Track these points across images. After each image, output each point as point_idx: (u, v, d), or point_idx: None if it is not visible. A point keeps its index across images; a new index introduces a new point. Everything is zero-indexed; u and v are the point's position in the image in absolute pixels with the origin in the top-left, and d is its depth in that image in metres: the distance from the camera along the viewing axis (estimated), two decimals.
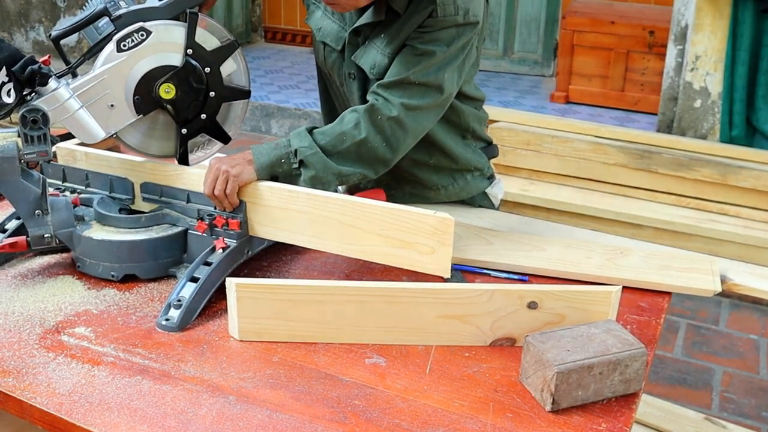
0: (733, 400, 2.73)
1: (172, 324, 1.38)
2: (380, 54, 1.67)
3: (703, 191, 3.70)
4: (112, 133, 1.53)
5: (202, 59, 1.53)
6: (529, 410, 1.20)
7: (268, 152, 1.54)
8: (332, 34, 1.77)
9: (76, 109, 1.47)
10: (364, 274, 1.59)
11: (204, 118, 1.58)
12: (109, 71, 1.49)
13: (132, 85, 1.51)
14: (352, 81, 1.77)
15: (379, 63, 1.67)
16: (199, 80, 1.54)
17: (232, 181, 1.49)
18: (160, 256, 1.54)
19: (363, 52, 1.71)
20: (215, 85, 1.56)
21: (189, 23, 1.50)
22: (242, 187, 1.51)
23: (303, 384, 1.25)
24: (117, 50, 1.48)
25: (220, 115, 1.60)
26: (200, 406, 1.19)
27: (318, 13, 1.82)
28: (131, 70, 1.50)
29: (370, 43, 1.69)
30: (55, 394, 1.20)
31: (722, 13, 4.11)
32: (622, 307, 1.46)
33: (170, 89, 1.52)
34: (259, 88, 5.71)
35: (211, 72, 1.55)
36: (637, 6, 5.41)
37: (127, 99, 1.51)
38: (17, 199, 1.48)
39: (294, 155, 1.54)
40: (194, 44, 1.51)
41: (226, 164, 1.50)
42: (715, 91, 4.26)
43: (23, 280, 1.54)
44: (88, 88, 1.48)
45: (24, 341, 1.34)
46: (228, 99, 1.60)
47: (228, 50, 1.55)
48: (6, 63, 1.40)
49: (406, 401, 1.21)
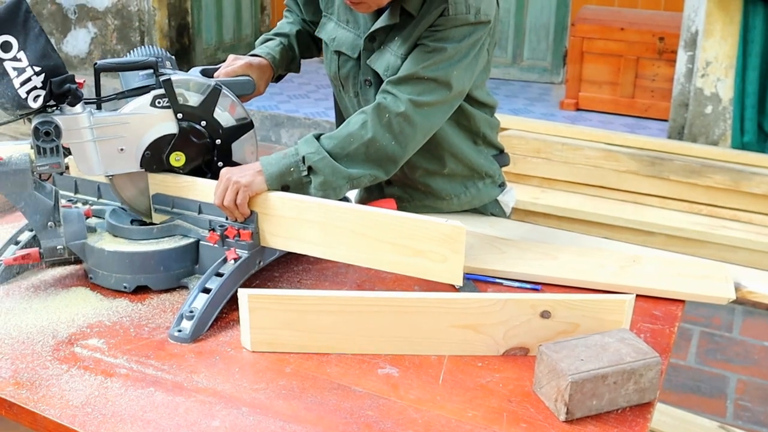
0: (747, 407, 2.70)
1: (185, 335, 1.38)
2: (393, 56, 1.68)
3: (715, 198, 3.68)
4: (109, 173, 1.56)
5: (193, 116, 1.57)
6: (543, 420, 1.19)
7: (276, 162, 1.54)
8: (347, 42, 1.78)
9: (88, 140, 1.50)
10: (375, 284, 1.59)
11: (222, 165, 1.60)
12: (134, 119, 1.53)
13: (148, 140, 1.55)
14: (369, 88, 1.78)
15: (392, 65, 1.68)
16: (199, 136, 1.57)
17: (243, 191, 1.49)
18: (172, 268, 1.54)
19: (377, 57, 1.72)
20: (216, 132, 1.59)
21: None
22: (253, 197, 1.51)
23: (316, 395, 1.25)
24: (150, 104, 1.53)
25: (235, 155, 1.63)
26: (213, 417, 1.19)
27: (330, 24, 1.83)
28: (153, 127, 1.54)
29: (385, 47, 1.70)
30: (68, 406, 1.20)
31: (732, 18, 4.09)
32: (635, 315, 1.45)
33: (180, 157, 1.57)
34: (268, 98, 5.72)
35: (207, 124, 1.58)
36: (647, 12, 5.41)
37: (138, 149, 1.55)
38: (30, 211, 1.48)
39: (302, 162, 1.54)
40: (179, 107, 1.55)
41: (237, 175, 1.50)
42: (726, 97, 4.24)
43: (36, 292, 1.55)
44: (109, 125, 1.51)
45: (37, 353, 1.34)
46: (235, 138, 1.62)
47: (213, 96, 1.57)
48: (49, 71, 1.42)
49: (420, 412, 1.21)
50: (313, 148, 1.55)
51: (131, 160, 1.55)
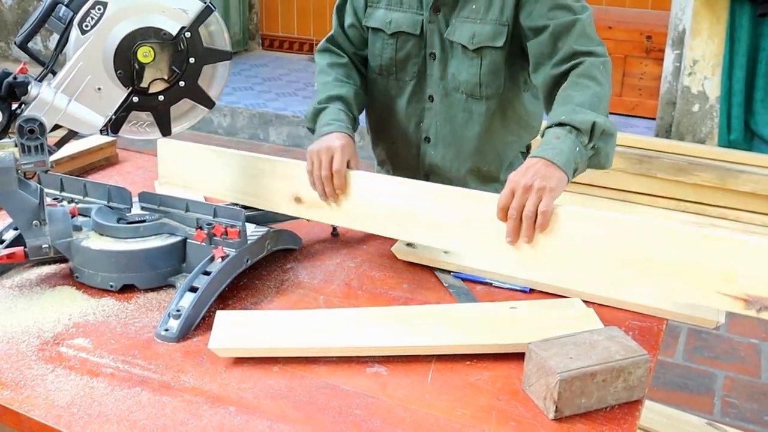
0: (734, 404, 2.72)
1: (172, 334, 1.37)
2: (479, 23, 1.70)
3: (702, 195, 3.70)
4: (110, 116, 1.50)
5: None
6: (532, 418, 1.19)
7: (557, 147, 1.43)
8: (407, 21, 1.78)
9: (67, 105, 1.45)
10: (364, 282, 1.58)
11: (183, 85, 1.53)
12: (83, 56, 1.46)
13: (110, 61, 1.47)
14: (433, 62, 1.78)
15: (479, 31, 1.70)
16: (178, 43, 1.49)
17: (549, 194, 1.37)
18: (158, 266, 1.53)
19: (455, 29, 1.72)
20: (195, 48, 1.51)
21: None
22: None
23: (303, 394, 1.24)
24: (81, 33, 1.45)
25: (202, 79, 1.56)
26: (200, 417, 1.18)
27: (379, 11, 1.82)
28: (103, 48, 1.46)
29: (457, 19, 1.72)
30: (53, 407, 1.19)
31: (719, 17, 4.11)
32: (623, 313, 1.46)
33: (149, 53, 1.48)
34: (256, 96, 5.71)
35: (191, 36, 1.50)
36: (634, 11, 5.43)
37: (111, 77, 1.48)
38: (14, 209, 1.47)
39: (590, 133, 1.46)
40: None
41: (533, 180, 1.38)
42: (713, 96, 4.26)
43: (21, 291, 1.53)
44: (70, 80, 1.46)
45: (22, 353, 1.33)
46: (209, 61, 1.55)
47: (205, 14, 1.50)
48: None
49: (408, 410, 1.20)
50: (590, 115, 1.46)
51: (115, 90, 1.48)
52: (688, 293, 1.27)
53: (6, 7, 6.62)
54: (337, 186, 1.56)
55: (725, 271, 1.24)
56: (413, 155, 1.90)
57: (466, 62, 1.74)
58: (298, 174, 1.63)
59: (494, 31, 1.69)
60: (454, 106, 1.80)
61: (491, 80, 1.74)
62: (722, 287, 1.24)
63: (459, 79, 1.76)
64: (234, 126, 5.46)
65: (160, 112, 1.55)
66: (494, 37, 1.70)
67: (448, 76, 1.78)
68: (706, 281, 1.26)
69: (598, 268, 1.35)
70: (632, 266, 1.32)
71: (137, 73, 1.48)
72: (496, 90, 1.76)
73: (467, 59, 1.73)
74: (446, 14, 1.73)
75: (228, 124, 5.47)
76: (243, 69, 6.38)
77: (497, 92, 1.76)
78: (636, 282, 1.32)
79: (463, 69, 1.75)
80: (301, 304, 1.50)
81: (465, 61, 1.74)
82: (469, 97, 1.77)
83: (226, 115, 5.46)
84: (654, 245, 1.30)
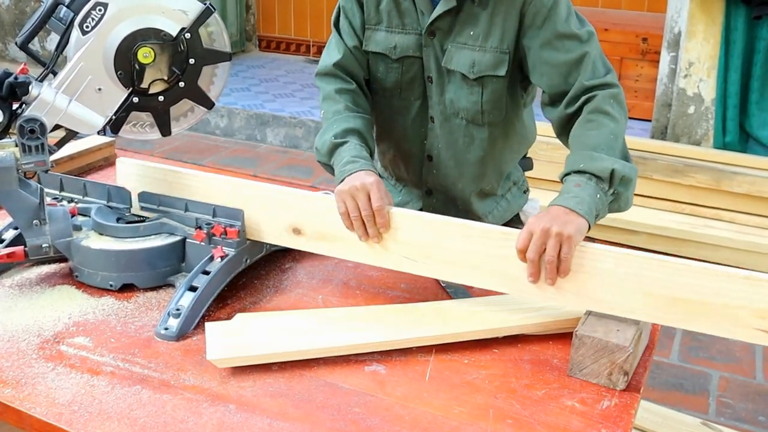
0: (730, 404, 2.73)
1: (171, 333, 1.38)
2: (478, 51, 1.64)
3: (697, 197, 3.71)
4: (110, 116, 1.52)
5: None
6: (529, 417, 1.20)
7: (578, 195, 1.39)
8: (411, 44, 1.70)
9: (67, 105, 1.47)
10: (362, 282, 1.59)
11: (183, 86, 1.55)
12: (84, 57, 1.47)
13: (110, 62, 1.48)
14: (431, 85, 1.73)
15: (479, 60, 1.64)
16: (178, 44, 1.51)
17: (567, 243, 1.32)
18: (158, 266, 1.54)
19: (452, 55, 1.67)
20: (195, 49, 1.53)
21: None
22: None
23: (303, 392, 1.25)
24: (82, 34, 1.46)
25: (202, 80, 1.57)
26: (200, 415, 1.19)
27: (379, 34, 1.73)
28: (104, 49, 1.48)
29: (454, 43, 1.66)
30: (54, 404, 1.20)
31: (715, 19, 4.13)
32: None
33: (149, 53, 1.49)
34: (253, 97, 5.71)
35: (191, 37, 1.51)
36: (630, 13, 5.44)
37: (111, 78, 1.50)
38: (15, 209, 1.48)
39: (609, 179, 1.43)
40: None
41: (550, 223, 1.33)
42: (708, 98, 4.28)
43: (21, 290, 1.54)
44: (70, 80, 1.47)
45: (23, 351, 1.34)
46: (209, 62, 1.56)
47: (205, 15, 1.52)
48: None
49: (406, 408, 1.21)
50: (608, 162, 1.43)
51: (115, 91, 1.50)
52: (725, 331, 1.26)
53: (3, 8, 6.61)
54: (380, 225, 1.44)
55: (762, 309, 1.22)
56: (416, 171, 1.86)
57: (465, 90, 1.69)
58: (294, 204, 1.54)
59: (495, 60, 1.64)
60: (454, 132, 1.75)
61: (493, 107, 1.70)
62: (760, 324, 1.23)
63: (458, 106, 1.71)
64: (231, 127, 5.47)
65: (160, 112, 1.57)
66: (496, 66, 1.64)
67: (446, 101, 1.72)
68: (745, 320, 1.24)
69: (629, 305, 1.31)
70: (673, 305, 1.28)
71: (137, 73, 1.50)
72: (498, 116, 1.72)
73: (467, 87, 1.68)
74: (441, 39, 1.67)
75: (225, 125, 5.48)
76: (240, 70, 6.38)
77: (500, 118, 1.73)
78: (674, 321, 1.29)
79: (462, 97, 1.70)
80: (300, 304, 1.51)
81: (464, 89, 1.69)
82: (470, 123, 1.73)
83: (223, 116, 5.47)
84: (690, 285, 1.26)
